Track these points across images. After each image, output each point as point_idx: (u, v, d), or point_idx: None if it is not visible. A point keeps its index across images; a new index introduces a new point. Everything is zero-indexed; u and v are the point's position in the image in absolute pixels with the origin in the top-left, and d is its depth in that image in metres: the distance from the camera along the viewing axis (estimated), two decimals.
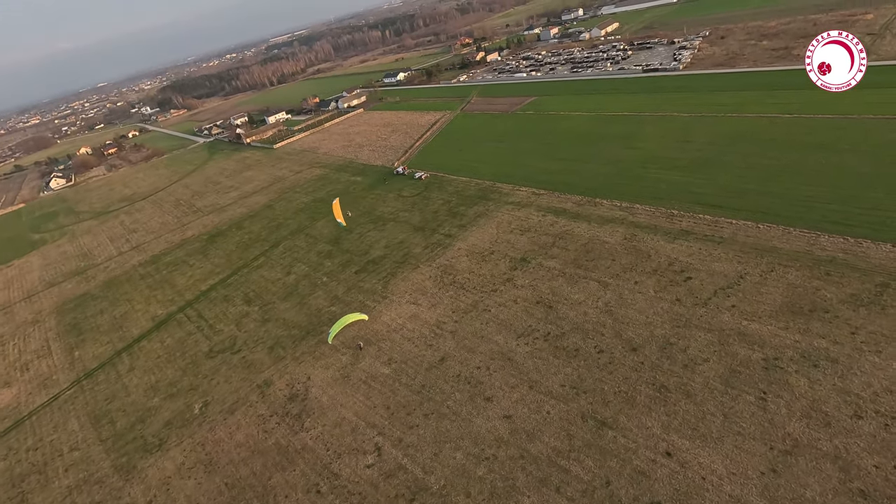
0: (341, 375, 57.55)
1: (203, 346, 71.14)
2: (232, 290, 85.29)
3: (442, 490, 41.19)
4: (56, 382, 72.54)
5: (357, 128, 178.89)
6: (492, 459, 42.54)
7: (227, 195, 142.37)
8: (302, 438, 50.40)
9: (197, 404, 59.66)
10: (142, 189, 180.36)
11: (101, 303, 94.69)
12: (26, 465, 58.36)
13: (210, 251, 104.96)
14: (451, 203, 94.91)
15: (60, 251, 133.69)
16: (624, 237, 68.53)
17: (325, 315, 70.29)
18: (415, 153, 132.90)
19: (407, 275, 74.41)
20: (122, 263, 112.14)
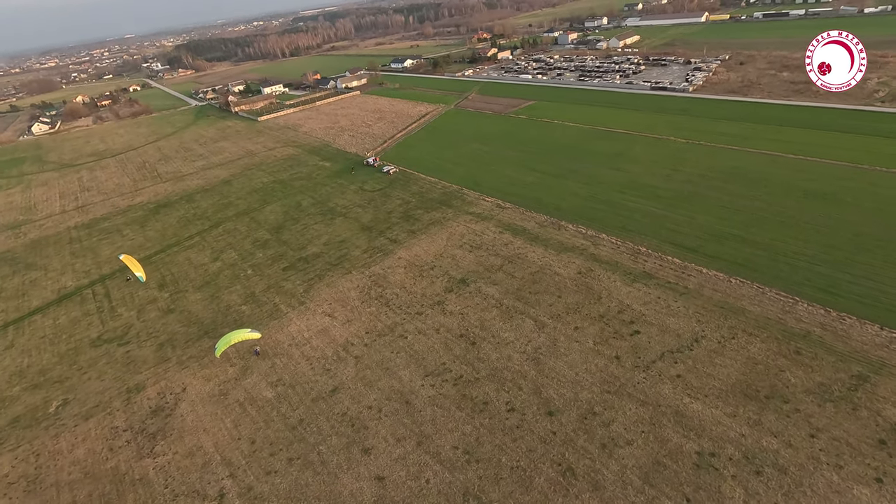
0: (219, 392, 49.38)
1: (93, 332, 63.10)
2: (151, 269, 77.10)
3: None
4: None
5: (346, 110, 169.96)
6: None
7: (193, 164, 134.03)
8: (145, 466, 42.32)
9: (56, 402, 51.68)
10: (115, 146, 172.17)
11: (18, 264, 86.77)
12: None
13: (149, 223, 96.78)
14: (409, 204, 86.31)
15: (8, 200, 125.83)
16: (579, 271, 59.91)
17: (232, 315, 62.08)
18: (393, 145, 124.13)
19: (335, 280, 66.06)
20: (58, 223, 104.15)
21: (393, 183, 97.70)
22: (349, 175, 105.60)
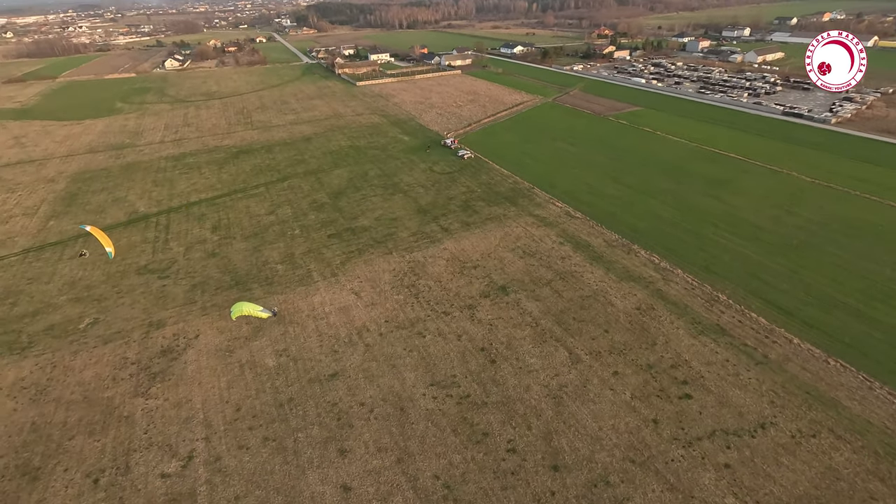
0: (227, 348, 48.21)
1: (142, 260, 65.42)
2: (212, 211, 79.12)
3: None
4: (12, 244, 71.09)
5: (441, 88, 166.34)
6: None
7: (284, 117, 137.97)
8: (135, 405, 41.97)
9: (88, 319, 53.68)
10: (225, 89, 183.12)
11: (109, 182, 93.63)
12: None
13: (227, 166, 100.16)
14: (473, 194, 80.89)
15: (122, 124, 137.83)
16: (638, 306, 51.48)
17: (266, 271, 61.22)
18: (477, 129, 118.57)
19: (373, 258, 62.91)
20: (153, 152, 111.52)
21: (464, 168, 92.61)
22: (423, 153, 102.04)
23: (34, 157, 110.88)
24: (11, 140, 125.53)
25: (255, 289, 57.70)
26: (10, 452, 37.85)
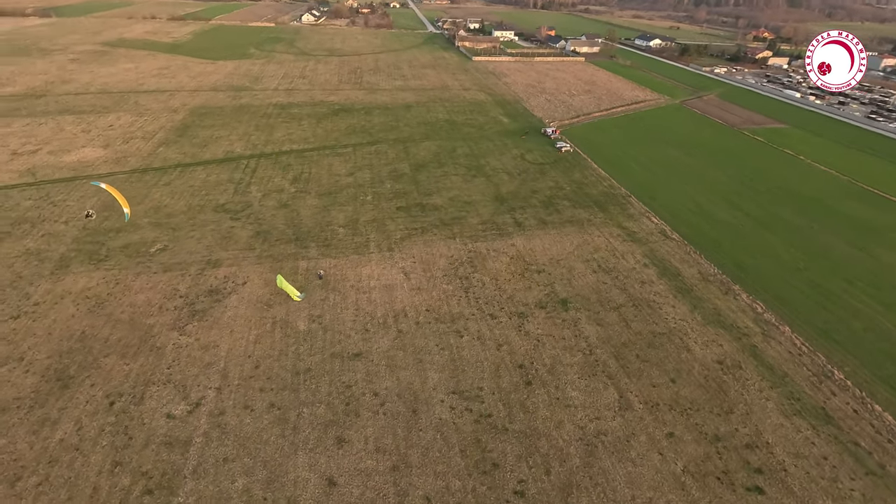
0: (266, 301, 47.76)
1: (222, 198, 67.82)
2: (298, 162, 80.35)
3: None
4: (125, 163, 77.75)
5: (558, 73, 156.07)
6: None
7: (392, 82, 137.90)
8: (168, 339, 42.85)
9: (159, 245, 56.51)
10: (346, 48, 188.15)
11: (219, 120, 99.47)
12: (34, 212, 62.63)
13: (324, 122, 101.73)
14: (560, 191, 73.67)
15: (248, 68, 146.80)
16: (720, 359, 42.65)
17: (327, 232, 60.29)
18: (585, 122, 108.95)
19: (434, 240, 59.33)
20: (265, 98, 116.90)
21: (558, 161, 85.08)
22: (519, 138, 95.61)
23: (168, 88, 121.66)
24: (156, 70, 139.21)
25: (311, 248, 57.04)
26: (55, 356, 40.34)
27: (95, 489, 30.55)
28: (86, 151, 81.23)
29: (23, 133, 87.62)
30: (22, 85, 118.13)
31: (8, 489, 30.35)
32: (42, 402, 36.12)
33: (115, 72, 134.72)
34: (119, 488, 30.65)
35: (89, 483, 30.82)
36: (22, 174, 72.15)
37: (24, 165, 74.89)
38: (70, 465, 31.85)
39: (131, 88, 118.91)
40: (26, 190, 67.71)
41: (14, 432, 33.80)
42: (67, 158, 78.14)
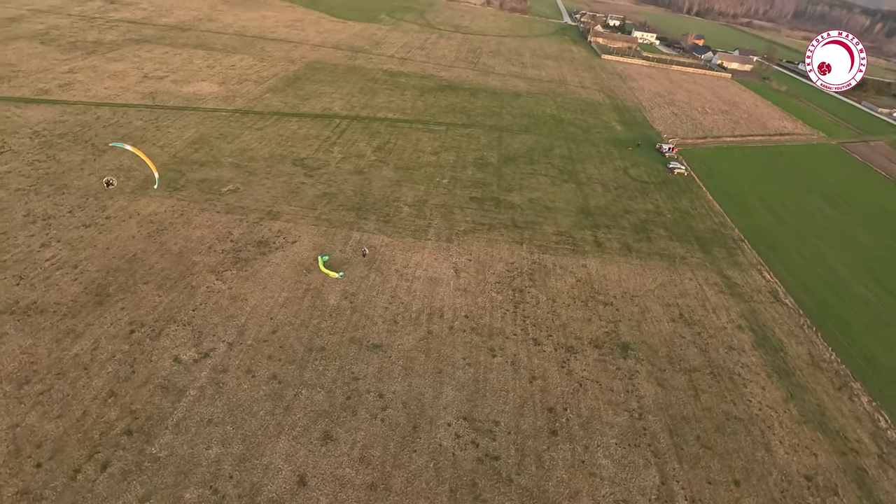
0: (308, 266, 45.93)
1: (304, 152, 67.68)
2: (387, 131, 78.38)
3: (160, 457, 28.51)
4: (232, 102, 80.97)
5: (694, 87, 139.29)
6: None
7: (509, 67, 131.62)
8: (204, 280, 42.49)
9: (231, 186, 57.26)
10: (474, 27, 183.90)
11: (328, 77, 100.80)
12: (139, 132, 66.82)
13: (427, 96, 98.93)
14: (659, 217, 64.18)
15: (373, 32, 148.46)
16: (810, 474, 33.26)
17: (390, 208, 57.36)
18: (711, 144, 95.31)
19: (498, 240, 54.00)
20: (379, 63, 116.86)
21: (665, 183, 74.68)
22: (625, 149, 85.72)
23: (294, 39, 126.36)
24: (290, 21, 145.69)
25: (370, 220, 54.53)
26: (103, 271, 41.67)
27: (84, 414, 30.36)
28: (203, 85, 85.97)
29: (159, 60, 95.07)
30: (175, 18, 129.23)
31: (14, 390, 31.17)
32: (75, 313, 37.16)
33: (255, 18, 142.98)
34: (104, 420, 30.19)
35: (81, 407, 30.72)
36: (144, 96, 77.80)
37: (148, 88, 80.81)
38: (73, 382, 32.10)
39: (262, 35, 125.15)
40: (142, 111, 72.69)
41: (41, 336, 34.95)
42: (185, 89, 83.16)
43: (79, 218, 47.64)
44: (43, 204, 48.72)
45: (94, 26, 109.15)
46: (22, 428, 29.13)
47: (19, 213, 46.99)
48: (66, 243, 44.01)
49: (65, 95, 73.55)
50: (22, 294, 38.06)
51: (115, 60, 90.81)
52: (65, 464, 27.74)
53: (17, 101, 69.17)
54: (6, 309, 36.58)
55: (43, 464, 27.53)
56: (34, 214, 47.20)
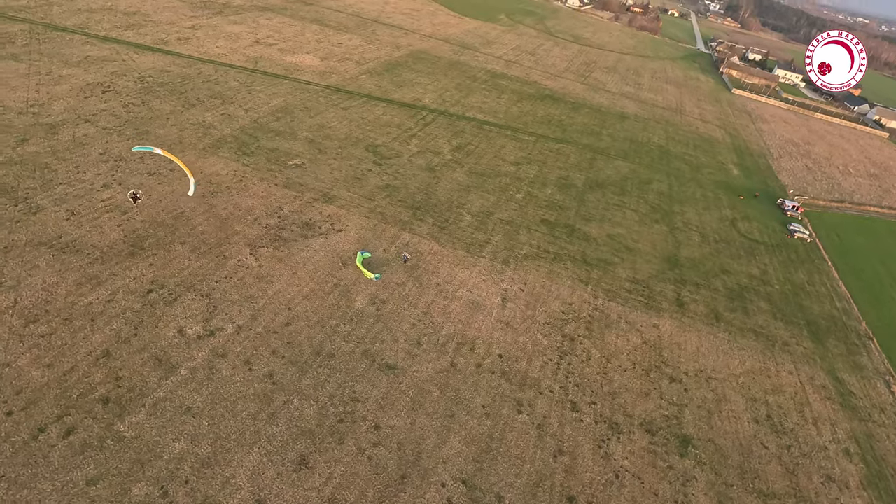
0: (345, 260, 42.56)
1: (379, 140, 64.97)
2: (474, 135, 73.70)
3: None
4: (327, 78, 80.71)
5: (838, 141, 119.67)
6: None
7: (623, 87, 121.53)
8: (236, 253, 40.44)
9: (298, 161, 55.62)
10: (594, 40, 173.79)
11: (428, 68, 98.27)
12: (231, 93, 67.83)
13: (524, 103, 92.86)
14: (764, 287, 53.49)
15: (486, 31, 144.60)
16: None
17: (452, 214, 52.64)
18: (846, 211, 79.90)
19: (560, 275, 47.27)
20: (483, 62, 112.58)
21: (780, 247, 62.85)
22: (737, 197, 73.95)
23: (406, 27, 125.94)
24: (408, 9, 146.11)
25: (426, 222, 50.22)
26: (147, 223, 41.04)
27: (72, 369, 28.83)
28: (305, 58, 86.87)
29: (274, 28, 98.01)
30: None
31: (21, 326, 30.49)
32: (105, 260, 36.49)
33: (376, 2, 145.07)
34: (88, 381, 28.44)
35: (73, 360, 29.25)
36: (248, 60, 79.73)
37: (255, 53, 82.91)
38: (76, 332, 30.89)
39: (377, 18, 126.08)
40: (241, 73, 74.22)
41: (66, 276, 34.45)
42: (288, 58, 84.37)
43: (146, 165, 48.03)
44: (120, 146, 49.85)
45: None
46: (11, 368, 28.10)
47: (96, 151, 48.33)
48: (126, 188, 44.23)
49: (179, 48, 77.14)
50: (67, 230, 38.21)
51: (234, 23, 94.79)
52: (34, 419, 26.10)
53: (138, 48, 73.40)
54: (48, 241, 36.74)
55: (13, 413, 26.10)
56: (109, 154, 48.33)
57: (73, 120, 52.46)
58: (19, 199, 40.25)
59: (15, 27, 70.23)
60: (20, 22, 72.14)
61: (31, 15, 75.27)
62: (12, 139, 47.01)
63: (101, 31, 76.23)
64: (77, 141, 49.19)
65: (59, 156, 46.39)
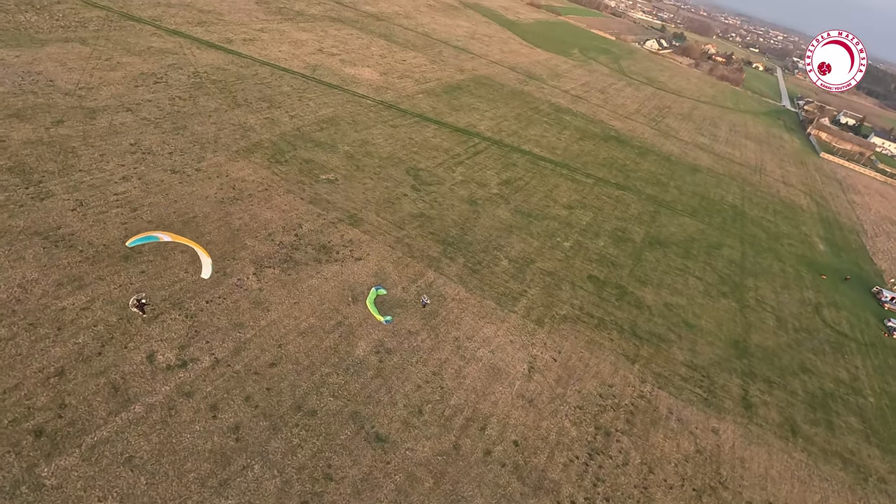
0: (356, 294, 37.52)
1: (423, 164, 60.37)
2: (527, 170, 68.02)
3: None
4: (382, 93, 77.81)
5: None
6: None
7: (697, 137, 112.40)
8: (237, 271, 36.33)
9: (331, 176, 51.79)
10: (671, 85, 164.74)
11: (490, 94, 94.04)
12: (281, 97, 65.87)
13: (586, 141, 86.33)
14: (854, 397, 43.81)
15: (556, 64, 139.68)
16: None
17: (488, 257, 46.81)
18: None
19: (603, 347, 40.08)
20: (548, 94, 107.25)
21: (875, 348, 52.48)
22: (830, 280, 63.66)
23: (475, 51, 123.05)
24: (480, 34, 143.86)
25: (457, 262, 44.64)
26: (153, 224, 37.83)
27: (16, 387, 24.86)
28: (365, 71, 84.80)
29: (341, 39, 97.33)
30: (377, 8, 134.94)
31: None
32: (96, 261, 33.08)
33: (449, 24, 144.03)
34: (28, 404, 24.31)
35: (21, 376, 25.34)
36: (307, 66, 78.33)
37: (315, 60, 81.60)
38: (36, 342, 27.13)
39: (447, 40, 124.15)
40: (297, 79, 72.53)
41: (49, 273, 31.14)
42: (348, 70, 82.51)
43: (173, 161, 45.48)
44: (153, 138, 47.76)
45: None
46: None
47: (128, 141, 46.30)
48: (144, 183, 41.53)
49: (242, 48, 76.72)
50: (69, 221, 35.38)
51: (303, 30, 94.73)
52: None
53: (202, 44, 73.36)
54: (45, 231, 33.93)
55: None
56: (139, 145, 46.17)
57: (115, 107, 51.12)
58: (33, 181, 38.09)
59: (92, 13, 71.85)
60: (99, 9, 73.94)
61: (112, 3, 77.30)
62: (49, 119, 45.74)
63: (172, 24, 77.10)
64: (112, 129, 47.46)
65: (88, 141, 44.56)
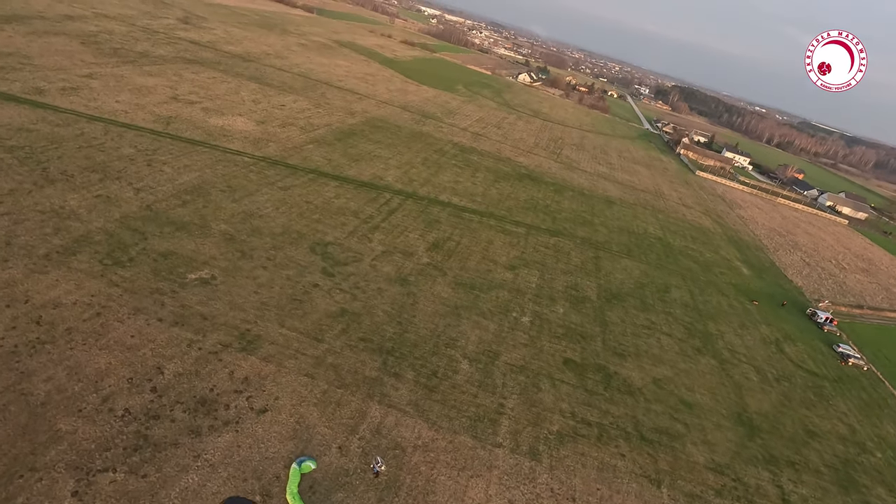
0: (265, 484, 23.44)
1: (330, 235, 47.20)
2: (453, 225, 58.21)
3: None
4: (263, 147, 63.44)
5: (813, 230, 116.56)
6: None
7: (596, 166, 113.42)
8: (37, 499, 20.49)
9: (206, 271, 36.73)
10: (554, 115, 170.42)
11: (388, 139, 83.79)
12: (120, 164, 48.99)
13: (502, 183, 79.76)
14: (863, 456, 39.25)
15: (446, 101, 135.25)
16: None
17: (440, 360, 35.13)
18: (873, 321, 70.55)
19: (616, 468, 30.33)
20: (449, 134, 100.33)
21: (844, 382, 50.04)
22: (768, 307, 62.22)
23: (361, 92, 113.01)
24: (362, 73, 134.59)
25: (405, 379, 32.20)
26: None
27: None
28: (237, 120, 69.51)
29: (201, 83, 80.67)
30: (242, 48, 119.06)
31: None
32: None
33: (326, 63, 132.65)
34: None
35: None
36: (157, 120, 61.13)
37: (168, 112, 64.54)
38: None
39: (328, 81, 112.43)
40: (144, 136, 55.37)
41: None
42: (213, 121, 66.59)
43: None
44: None
45: (150, 39, 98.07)
46: None
47: None
48: None
49: (59, 100, 57.42)
50: None
51: (149, 74, 76.56)
52: None
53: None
54: None
55: None
56: None
57: None
58: None
59: None
60: None
61: None
62: None
63: None
64: None
65: None
